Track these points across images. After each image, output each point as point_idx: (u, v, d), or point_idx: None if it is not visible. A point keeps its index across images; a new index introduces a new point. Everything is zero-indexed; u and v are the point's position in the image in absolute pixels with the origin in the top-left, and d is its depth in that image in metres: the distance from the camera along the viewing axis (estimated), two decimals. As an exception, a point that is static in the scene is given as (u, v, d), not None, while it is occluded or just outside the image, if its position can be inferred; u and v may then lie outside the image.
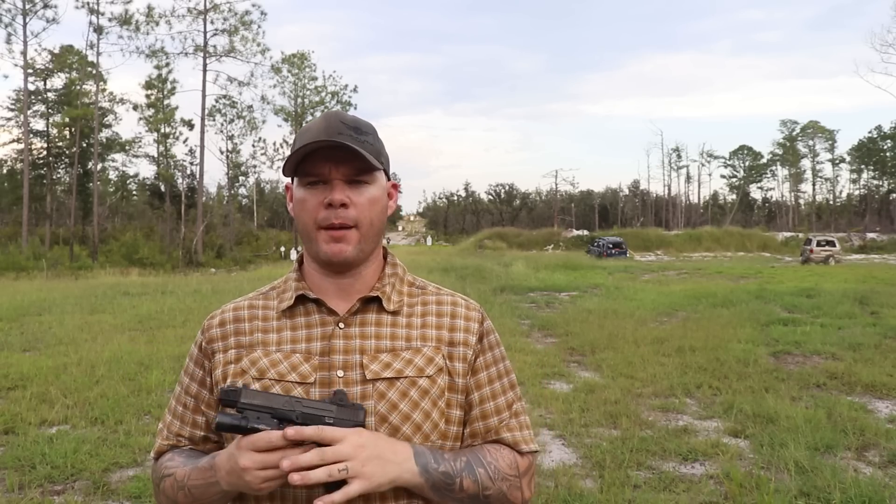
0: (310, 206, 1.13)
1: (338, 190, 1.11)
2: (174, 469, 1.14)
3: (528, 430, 1.24)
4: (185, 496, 1.11)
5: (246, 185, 71.13)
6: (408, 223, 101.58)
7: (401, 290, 1.22)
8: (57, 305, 14.35)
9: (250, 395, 0.99)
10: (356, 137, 1.12)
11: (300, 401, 1.02)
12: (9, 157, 52.94)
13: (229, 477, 1.02)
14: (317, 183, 1.13)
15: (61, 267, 33.43)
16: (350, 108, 53.70)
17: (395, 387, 1.12)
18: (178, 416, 1.24)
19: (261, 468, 0.97)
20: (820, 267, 30.59)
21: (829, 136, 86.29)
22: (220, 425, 0.98)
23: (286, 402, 1.01)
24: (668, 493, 4.38)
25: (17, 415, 5.97)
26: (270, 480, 0.98)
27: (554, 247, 51.75)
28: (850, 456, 5.04)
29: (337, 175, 1.12)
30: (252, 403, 0.99)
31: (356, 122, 1.15)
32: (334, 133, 1.10)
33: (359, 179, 1.13)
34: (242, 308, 1.23)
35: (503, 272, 24.01)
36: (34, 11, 40.92)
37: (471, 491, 1.10)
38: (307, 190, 1.14)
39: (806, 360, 8.57)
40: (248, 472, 0.97)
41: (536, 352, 9.20)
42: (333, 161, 1.11)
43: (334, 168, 1.11)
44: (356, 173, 1.13)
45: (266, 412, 0.99)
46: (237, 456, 0.98)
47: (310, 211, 1.13)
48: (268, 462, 0.97)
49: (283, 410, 1.00)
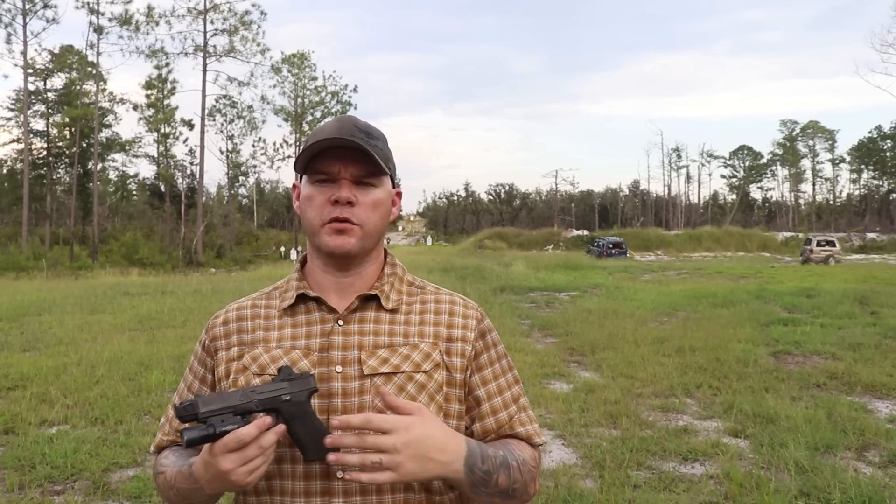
0: (317, 202, 1.16)
1: (345, 188, 1.14)
2: (166, 468, 1.17)
3: (536, 423, 1.28)
4: (175, 495, 1.14)
5: (246, 185, 71.09)
6: (408, 223, 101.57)
7: (400, 289, 1.25)
8: (57, 305, 14.36)
9: (206, 402, 1.00)
10: (367, 141, 1.15)
11: (254, 390, 1.05)
12: (9, 157, 52.99)
13: (213, 482, 1.03)
14: (325, 181, 1.16)
15: (61, 267, 33.43)
16: (350, 108, 53.70)
17: (393, 381, 1.14)
18: None
19: (242, 465, 0.98)
20: (820, 267, 30.59)
21: (829, 136, 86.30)
22: (191, 441, 0.99)
23: (242, 396, 1.03)
24: (668, 493, 4.38)
25: (17, 415, 5.97)
26: (256, 470, 1.00)
27: (554, 247, 51.76)
28: (850, 456, 5.04)
29: (345, 174, 1.15)
30: (211, 409, 1.00)
31: (368, 128, 1.18)
32: (346, 134, 1.13)
33: (366, 181, 1.16)
34: (245, 307, 1.26)
35: (503, 272, 24.01)
36: (34, 11, 40.92)
37: (503, 486, 1.12)
38: (315, 187, 1.17)
39: (806, 360, 8.57)
40: (232, 473, 0.98)
41: (536, 352, 9.20)
42: (343, 161, 1.14)
43: (343, 167, 1.14)
44: (364, 175, 1.16)
45: (227, 412, 1.01)
46: (215, 463, 0.99)
47: (317, 207, 1.16)
48: (247, 457, 0.98)
49: (242, 405, 1.02)
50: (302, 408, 1.07)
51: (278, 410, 1.05)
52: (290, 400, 1.06)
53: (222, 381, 1.20)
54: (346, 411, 1.12)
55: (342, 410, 1.12)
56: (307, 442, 1.06)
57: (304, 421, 1.06)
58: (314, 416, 1.08)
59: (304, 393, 1.07)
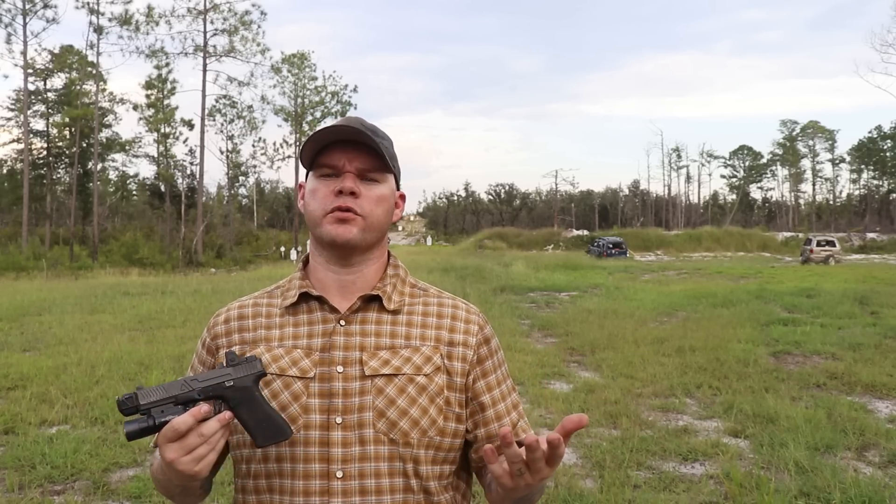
0: (321, 195, 1.18)
1: (349, 179, 1.16)
2: (154, 460, 1.19)
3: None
4: (160, 487, 1.18)
5: (246, 185, 71.05)
6: (408, 223, 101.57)
7: (402, 290, 1.25)
8: (57, 305, 14.35)
9: (146, 393, 0.99)
10: (373, 138, 1.16)
11: (195, 378, 1.04)
12: (9, 157, 52.96)
13: (169, 475, 1.03)
14: (330, 175, 1.18)
15: (61, 267, 33.41)
16: (350, 108, 53.67)
17: (393, 383, 1.15)
18: None
19: (185, 454, 0.98)
20: (820, 267, 30.59)
21: (829, 136, 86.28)
22: (130, 434, 0.98)
23: (183, 385, 1.02)
24: (668, 493, 4.38)
25: (17, 415, 5.97)
26: (203, 459, 0.99)
27: (554, 247, 51.75)
28: (850, 456, 5.04)
29: (350, 168, 1.17)
30: (151, 401, 0.99)
31: (374, 128, 1.20)
32: (353, 129, 1.15)
33: (371, 177, 1.18)
34: (247, 306, 1.27)
35: (503, 272, 24.00)
36: (34, 11, 40.90)
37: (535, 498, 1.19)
38: (320, 181, 1.19)
39: (806, 360, 8.57)
40: (177, 463, 0.98)
41: (536, 352, 9.20)
42: (348, 155, 1.16)
43: (348, 161, 1.16)
44: (369, 169, 1.18)
45: (168, 402, 1.00)
46: (160, 455, 1.00)
47: (320, 199, 1.17)
48: (188, 446, 0.98)
49: (183, 394, 1.01)
50: (247, 393, 1.04)
51: (223, 397, 1.03)
52: (234, 386, 1.04)
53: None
54: (346, 411, 1.12)
55: (343, 410, 1.12)
56: (254, 428, 1.04)
57: (250, 407, 1.04)
58: (262, 401, 1.05)
59: (251, 377, 1.05)
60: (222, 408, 1.03)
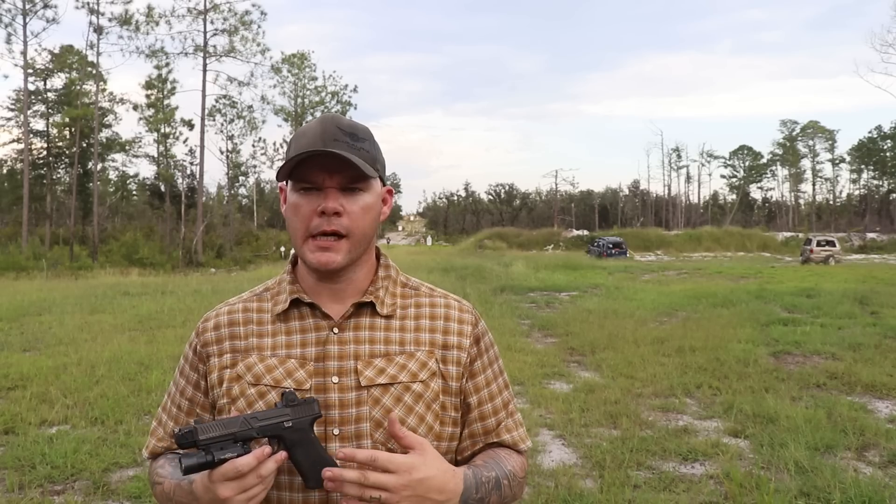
0: (303, 212, 1.13)
1: (331, 198, 1.11)
2: (163, 479, 1.15)
3: (523, 428, 1.28)
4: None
5: (246, 185, 71.19)
6: (408, 223, 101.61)
7: (394, 291, 1.23)
8: (57, 305, 14.35)
9: (205, 429, 0.99)
10: (352, 144, 1.11)
11: (255, 416, 1.04)
12: (9, 157, 52.99)
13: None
14: (311, 189, 1.12)
15: (61, 267, 33.43)
16: (350, 108, 53.72)
17: (390, 392, 1.13)
18: (172, 416, 1.25)
19: (240, 492, 0.98)
20: (820, 267, 30.58)
21: (829, 136, 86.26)
22: (188, 469, 0.98)
23: (242, 423, 1.02)
24: (668, 493, 4.38)
25: (17, 415, 5.96)
26: (254, 498, 0.99)
27: (554, 247, 51.76)
28: (850, 456, 5.03)
29: (331, 183, 1.11)
30: (210, 436, 0.99)
31: (353, 128, 1.14)
32: (330, 140, 1.10)
33: (353, 187, 1.13)
34: (237, 311, 1.23)
35: (503, 272, 24.00)
36: (34, 11, 40.94)
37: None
38: (301, 195, 1.13)
39: (806, 360, 8.57)
40: (230, 501, 0.98)
41: (536, 352, 9.20)
42: (328, 170, 1.11)
43: (328, 177, 1.11)
44: (350, 181, 1.12)
45: (227, 439, 1.00)
46: (213, 489, 0.99)
47: (303, 218, 1.13)
48: (245, 485, 0.98)
49: (242, 432, 1.01)
50: (304, 435, 1.05)
51: (280, 437, 1.04)
52: (293, 427, 1.04)
53: (215, 389, 1.18)
54: (343, 422, 1.12)
55: (340, 422, 1.12)
56: (308, 470, 1.05)
57: (305, 448, 1.05)
58: (316, 443, 1.07)
59: (307, 420, 1.06)
60: (279, 448, 1.03)
